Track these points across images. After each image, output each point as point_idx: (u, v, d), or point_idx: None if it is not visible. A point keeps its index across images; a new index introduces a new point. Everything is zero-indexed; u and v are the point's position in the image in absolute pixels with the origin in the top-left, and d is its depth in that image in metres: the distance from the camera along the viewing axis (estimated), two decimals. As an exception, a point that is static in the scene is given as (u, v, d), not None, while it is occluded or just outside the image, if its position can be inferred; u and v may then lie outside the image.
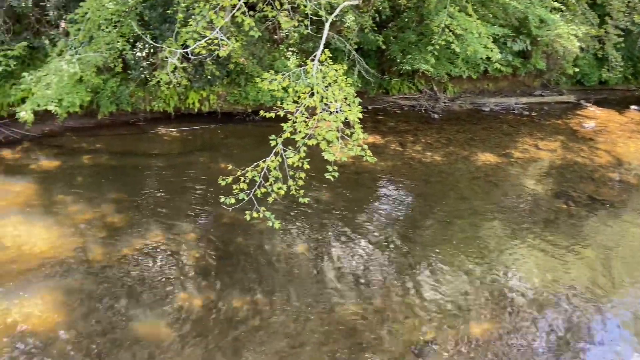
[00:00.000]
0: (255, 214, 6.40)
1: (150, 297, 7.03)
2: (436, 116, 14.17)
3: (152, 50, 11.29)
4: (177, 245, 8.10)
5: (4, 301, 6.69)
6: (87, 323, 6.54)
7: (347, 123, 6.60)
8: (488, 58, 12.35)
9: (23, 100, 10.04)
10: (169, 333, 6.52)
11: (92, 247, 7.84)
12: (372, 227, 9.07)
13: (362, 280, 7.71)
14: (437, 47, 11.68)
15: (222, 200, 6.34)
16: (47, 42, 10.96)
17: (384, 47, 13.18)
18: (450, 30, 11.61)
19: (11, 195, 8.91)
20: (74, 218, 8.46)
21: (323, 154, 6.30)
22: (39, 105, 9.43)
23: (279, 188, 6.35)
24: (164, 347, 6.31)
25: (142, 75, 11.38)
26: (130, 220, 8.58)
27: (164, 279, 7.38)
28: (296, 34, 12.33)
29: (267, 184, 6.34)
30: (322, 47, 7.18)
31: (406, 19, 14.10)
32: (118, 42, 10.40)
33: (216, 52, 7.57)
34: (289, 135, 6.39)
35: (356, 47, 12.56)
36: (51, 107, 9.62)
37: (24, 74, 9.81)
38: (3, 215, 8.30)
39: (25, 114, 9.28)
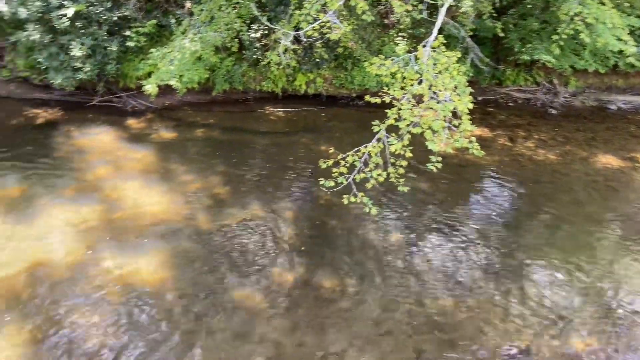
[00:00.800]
0: (352, 198, 6.43)
1: (247, 268, 7.39)
2: (554, 111, 13.16)
3: (265, 32, 11.67)
4: (275, 221, 8.41)
5: (121, 256, 7.42)
6: (190, 284, 7.06)
7: (454, 113, 6.36)
8: (620, 51, 11.17)
9: (149, 75, 10.92)
10: (261, 303, 6.82)
11: (199, 215, 8.40)
12: (471, 224, 8.71)
13: (456, 277, 7.47)
14: (564, 36, 10.76)
15: (321, 182, 6.44)
16: (173, 21, 11.75)
17: (501, 34, 12.44)
18: (580, 19, 10.63)
19: (134, 161, 9.80)
20: (185, 186, 9.11)
21: (427, 143, 6.15)
22: (162, 80, 10.22)
23: (379, 175, 6.32)
24: (255, 316, 6.63)
25: (255, 56, 11.84)
26: (235, 193, 9.05)
27: (260, 252, 7.71)
28: (408, 19, 12.03)
29: (367, 169, 6.33)
30: (435, 32, 6.95)
31: (529, 5, 13.12)
32: (236, 23, 10.88)
33: (327, 36, 7.64)
34: (393, 121, 6.30)
35: (471, 33, 11.97)
36: (172, 82, 10.38)
37: (152, 50, 10.64)
38: (126, 179, 9.16)
39: (150, 87, 10.11)
